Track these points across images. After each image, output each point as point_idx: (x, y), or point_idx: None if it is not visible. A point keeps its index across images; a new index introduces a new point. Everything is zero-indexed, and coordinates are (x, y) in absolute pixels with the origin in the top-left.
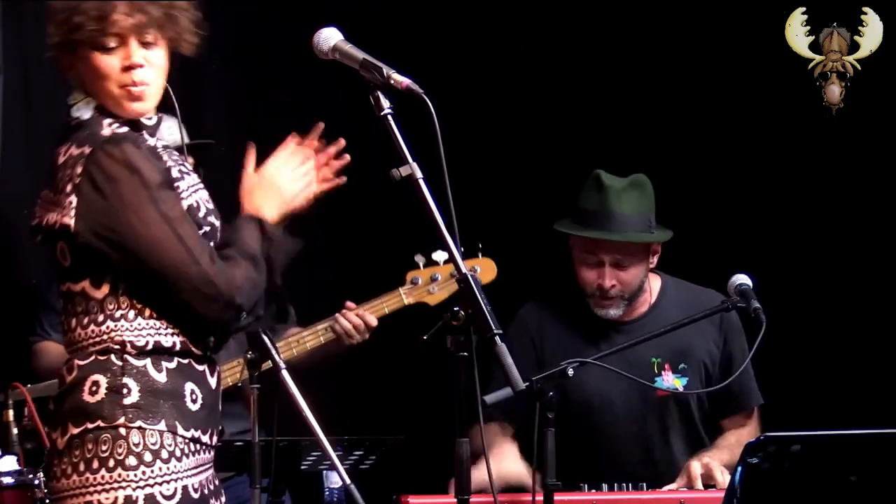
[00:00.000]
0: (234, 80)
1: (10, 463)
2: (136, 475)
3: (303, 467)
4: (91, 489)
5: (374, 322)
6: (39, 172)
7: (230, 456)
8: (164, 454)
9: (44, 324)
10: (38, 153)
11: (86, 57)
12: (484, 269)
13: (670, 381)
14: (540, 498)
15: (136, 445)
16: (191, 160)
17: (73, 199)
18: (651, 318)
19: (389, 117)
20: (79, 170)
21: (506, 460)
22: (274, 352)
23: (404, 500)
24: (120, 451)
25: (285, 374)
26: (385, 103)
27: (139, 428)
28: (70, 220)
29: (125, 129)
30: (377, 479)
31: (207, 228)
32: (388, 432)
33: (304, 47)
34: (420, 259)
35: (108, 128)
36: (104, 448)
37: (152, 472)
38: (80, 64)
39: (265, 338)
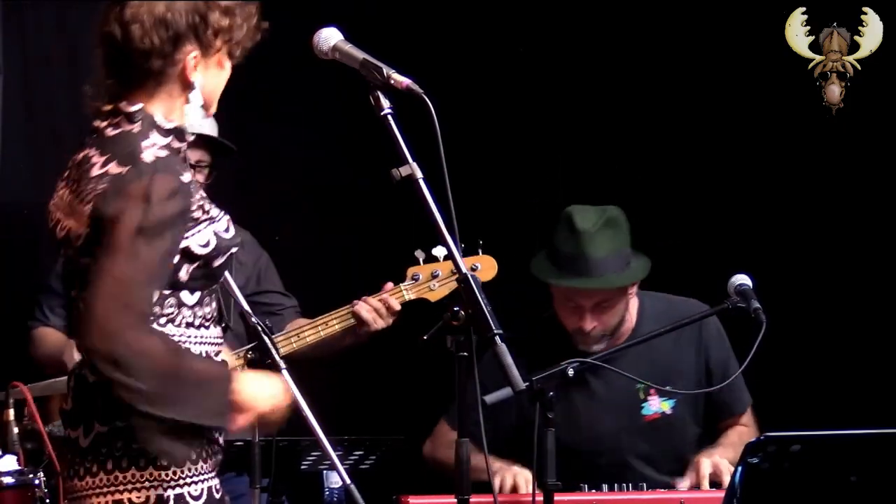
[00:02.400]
0: (234, 81)
1: (10, 463)
2: (167, 475)
3: (303, 467)
4: (121, 487)
5: (396, 306)
6: (39, 172)
7: (230, 456)
8: (193, 455)
9: (44, 308)
10: (38, 153)
11: (222, 59)
12: (484, 267)
13: (657, 405)
14: (540, 498)
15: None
16: (206, 157)
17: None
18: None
19: (389, 117)
20: (109, 185)
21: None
22: (274, 351)
23: (404, 500)
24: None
25: (285, 373)
26: (385, 103)
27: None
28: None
29: (167, 140)
30: (377, 479)
31: (214, 264)
32: (388, 432)
33: (304, 48)
34: (420, 255)
35: (148, 151)
36: (135, 447)
37: (182, 472)
38: (211, 65)
39: (265, 338)
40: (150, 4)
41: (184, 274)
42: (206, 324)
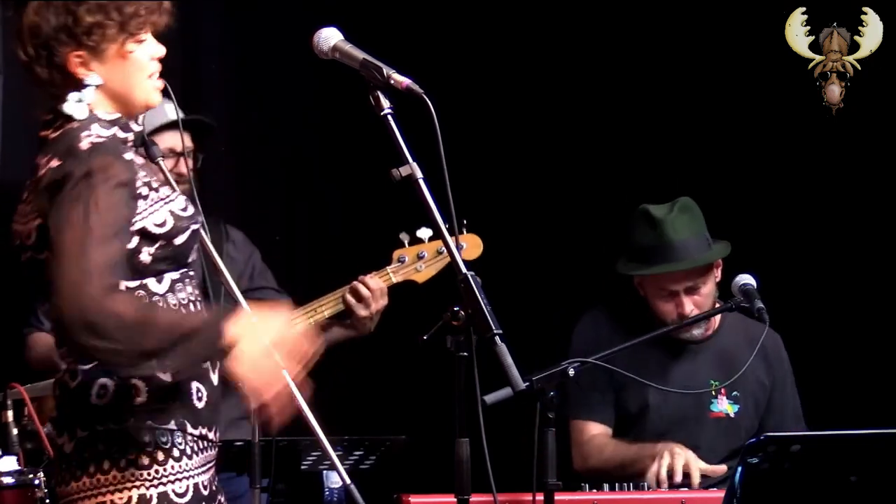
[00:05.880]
0: (234, 80)
1: (10, 463)
2: (149, 474)
3: (303, 467)
4: (104, 489)
5: (377, 284)
6: None
7: (230, 456)
8: (176, 452)
9: (38, 314)
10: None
11: (122, 50)
12: (470, 245)
13: (724, 405)
14: (540, 498)
15: (148, 444)
16: (188, 143)
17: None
18: (713, 342)
19: (389, 117)
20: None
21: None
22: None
23: (405, 499)
24: (132, 450)
25: (285, 373)
26: (385, 103)
27: (150, 427)
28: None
29: (111, 132)
30: (377, 479)
31: (175, 242)
32: (388, 432)
33: (304, 47)
34: (405, 237)
35: (86, 140)
36: (115, 448)
37: (165, 470)
38: (109, 58)
39: None
40: (26, 14)
41: (146, 256)
42: (183, 311)
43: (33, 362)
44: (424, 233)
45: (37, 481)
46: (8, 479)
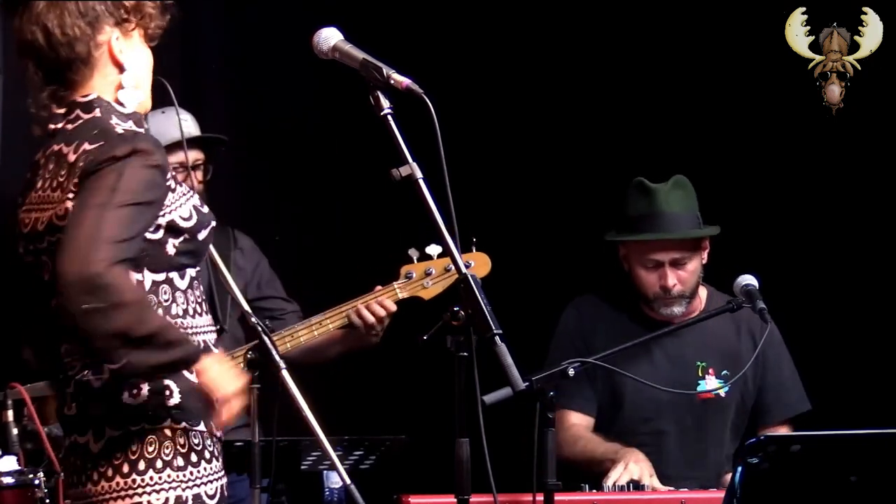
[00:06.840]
0: (234, 80)
1: (10, 463)
2: (184, 475)
3: (303, 467)
4: (140, 490)
5: (392, 307)
6: None
7: (230, 456)
8: (207, 454)
9: None
10: None
11: (144, 41)
12: (478, 264)
13: (713, 385)
14: (540, 498)
15: (182, 446)
16: (200, 155)
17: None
18: (698, 324)
19: (389, 117)
20: (91, 158)
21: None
22: (273, 351)
23: (405, 499)
24: (167, 451)
25: (285, 374)
26: (385, 103)
27: (184, 429)
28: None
29: (128, 125)
30: (377, 479)
31: (199, 236)
32: (388, 432)
33: (304, 47)
34: (414, 253)
35: (119, 126)
36: (150, 449)
37: (198, 472)
38: (136, 46)
39: (265, 338)
40: None
41: (171, 248)
42: (200, 311)
43: (33, 359)
44: (433, 249)
45: (37, 481)
46: (8, 479)
